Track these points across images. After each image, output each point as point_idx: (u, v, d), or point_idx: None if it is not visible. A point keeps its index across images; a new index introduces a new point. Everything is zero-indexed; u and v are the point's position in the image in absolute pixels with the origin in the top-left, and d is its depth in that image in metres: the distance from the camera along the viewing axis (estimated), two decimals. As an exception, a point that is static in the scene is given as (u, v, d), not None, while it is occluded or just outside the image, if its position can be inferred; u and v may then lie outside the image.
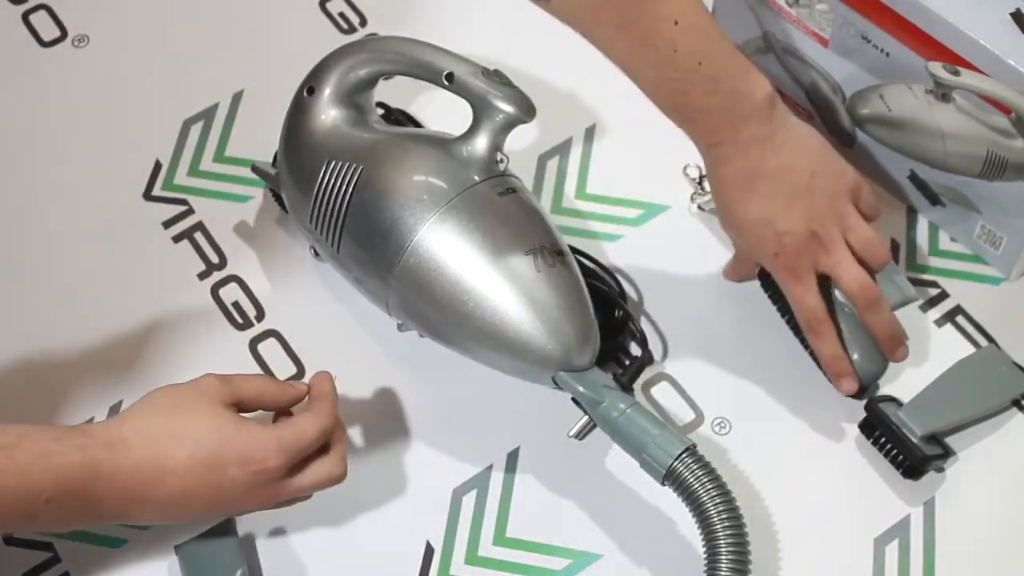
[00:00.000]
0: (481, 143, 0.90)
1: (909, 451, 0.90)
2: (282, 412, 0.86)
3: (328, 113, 0.94)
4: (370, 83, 0.95)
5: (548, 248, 0.89)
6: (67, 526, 0.78)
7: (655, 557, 0.89)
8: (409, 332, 0.94)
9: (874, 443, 0.92)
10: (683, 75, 0.86)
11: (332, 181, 0.91)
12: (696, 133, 0.90)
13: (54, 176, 1.07)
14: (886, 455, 0.91)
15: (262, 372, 0.86)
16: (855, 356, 0.93)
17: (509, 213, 0.89)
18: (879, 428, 0.91)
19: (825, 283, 0.92)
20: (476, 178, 0.89)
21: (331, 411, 0.84)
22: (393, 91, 1.02)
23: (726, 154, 0.89)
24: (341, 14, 1.15)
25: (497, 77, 0.90)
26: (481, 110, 0.90)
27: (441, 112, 1.03)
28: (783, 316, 0.98)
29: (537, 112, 0.90)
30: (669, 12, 0.85)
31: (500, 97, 0.89)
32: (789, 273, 0.91)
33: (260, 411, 0.86)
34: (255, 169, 1.01)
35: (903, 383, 0.96)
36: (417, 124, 1.06)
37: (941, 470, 0.91)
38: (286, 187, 0.96)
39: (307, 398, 0.86)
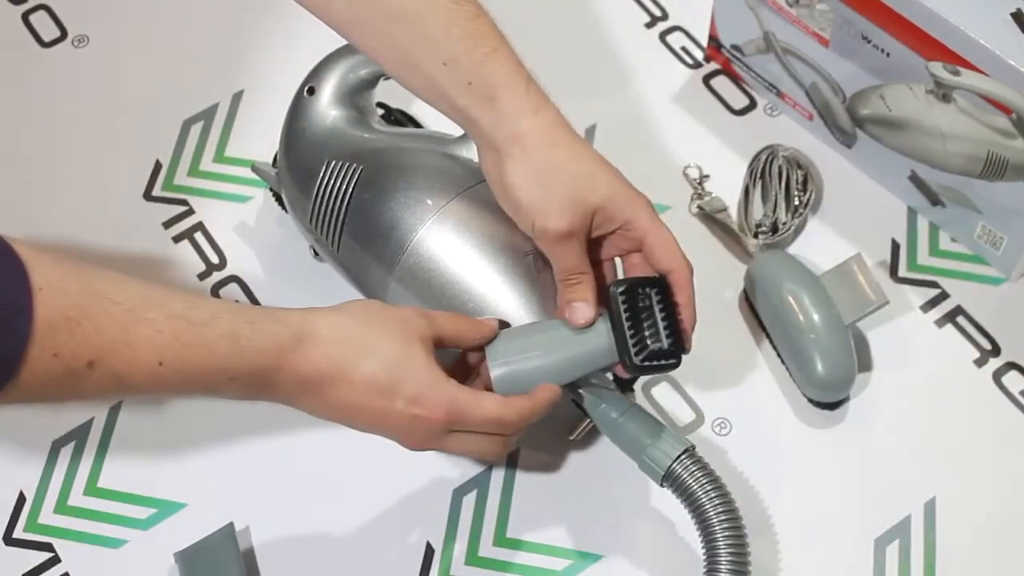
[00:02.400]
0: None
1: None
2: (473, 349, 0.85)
3: (328, 113, 0.94)
4: (370, 83, 0.95)
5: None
6: (240, 399, 0.79)
7: (655, 558, 0.89)
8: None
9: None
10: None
11: (332, 181, 0.91)
12: None
13: (54, 176, 1.07)
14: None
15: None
16: (819, 367, 0.92)
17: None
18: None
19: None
20: (476, 178, 0.89)
21: (524, 412, 0.82)
22: (393, 91, 1.02)
23: None
24: (341, 14, 1.15)
25: None
26: None
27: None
28: (763, 331, 0.98)
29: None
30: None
31: None
32: None
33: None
34: (255, 169, 1.01)
35: (897, 384, 0.96)
36: (417, 124, 1.06)
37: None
38: (286, 187, 0.96)
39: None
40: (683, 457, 0.83)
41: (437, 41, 0.81)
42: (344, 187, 0.91)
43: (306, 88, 0.95)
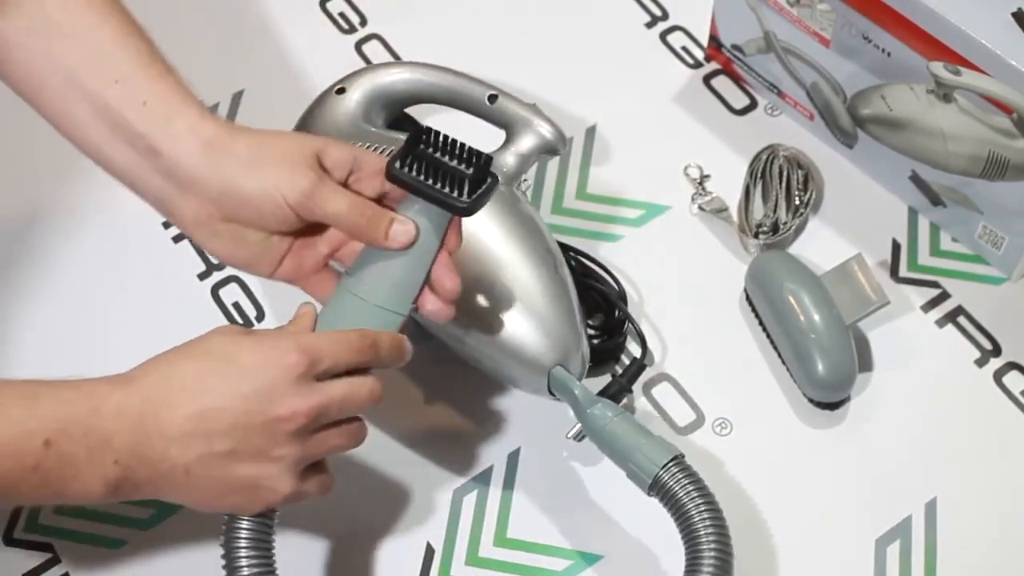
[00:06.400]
0: (510, 159, 0.92)
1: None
2: None
3: (351, 114, 0.94)
4: (402, 102, 0.96)
5: (548, 253, 0.89)
6: (79, 483, 0.71)
7: (656, 558, 0.89)
8: (407, 332, 0.93)
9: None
10: None
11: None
12: None
13: (53, 178, 1.07)
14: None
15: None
16: (820, 367, 0.92)
17: (514, 217, 0.89)
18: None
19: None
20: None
21: (363, 339, 0.77)
22: (420, 113, 1.01)
23: None
24: (341, 14, 1.15)
25: (537, 108, 0.92)
26: (516, 131, 0.92)
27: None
28: (763, 331, 0.98)
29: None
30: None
31: (540, 123, 0.92)
32: None
33: None
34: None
35: (897, 384, 0.96)
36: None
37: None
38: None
39: None
40: (671, 465, 0.82)
41: (110, 58, 0.78)
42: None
43: (336, 87, 0.95)
